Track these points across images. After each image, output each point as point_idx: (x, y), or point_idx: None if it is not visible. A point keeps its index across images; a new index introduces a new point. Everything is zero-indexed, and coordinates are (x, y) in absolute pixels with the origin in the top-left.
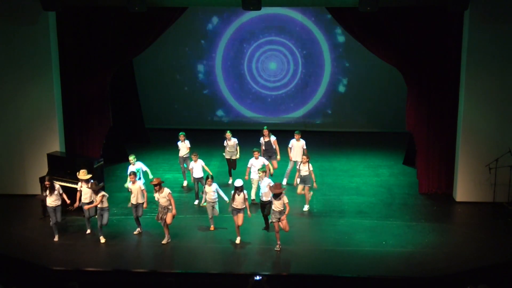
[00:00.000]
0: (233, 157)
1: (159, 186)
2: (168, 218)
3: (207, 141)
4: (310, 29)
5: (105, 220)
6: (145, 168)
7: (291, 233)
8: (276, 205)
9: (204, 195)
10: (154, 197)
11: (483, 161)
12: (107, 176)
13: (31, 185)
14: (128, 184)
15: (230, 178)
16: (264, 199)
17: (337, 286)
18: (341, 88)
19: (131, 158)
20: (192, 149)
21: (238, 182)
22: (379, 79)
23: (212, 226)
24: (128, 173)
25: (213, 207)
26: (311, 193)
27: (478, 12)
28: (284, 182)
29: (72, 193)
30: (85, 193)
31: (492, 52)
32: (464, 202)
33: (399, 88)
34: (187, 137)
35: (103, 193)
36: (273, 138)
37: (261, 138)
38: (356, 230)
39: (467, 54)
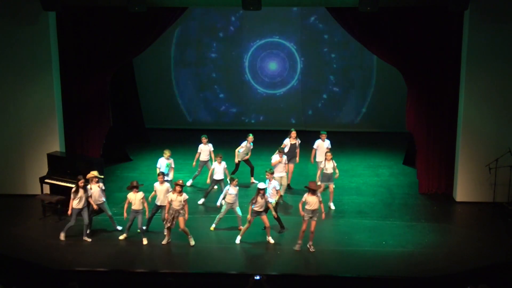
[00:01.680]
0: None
1: (181, 188)
2: (182, 223)
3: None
4: (310, 29)
5: (141, 224)
6: (173, 165)
7: (291, 233)
8: (310, 203)
9: (222, 196)
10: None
11: (483, 161)
12: (107, 176)
13: (31, 185)
14: (155, 184)
15: (252, 178)
16: (270, 200)
17: (337, 286)
18: (341, 88)
19: (167, 152)
20: (215, 151)
21: (262, 185)
22: (379, 79)
23: (214, 225)
24: (157, 173)
25: (232, 207)
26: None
27: (478, 12)
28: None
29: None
30: (95, 193)
31: (492, 52)
32: (464, 202)
33: (399, 88)
34: (187, 137)
35: (142, 193)
36: (298, 141)
37: (287, 139)
38: (356, 230)
39: (467, 54)
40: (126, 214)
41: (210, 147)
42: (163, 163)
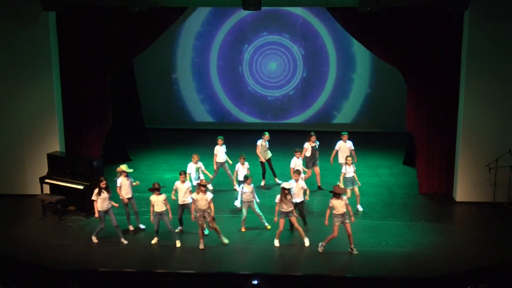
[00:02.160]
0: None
1: (206, 188)
2: (213, 222)
3: (207, 142)
4: (310, 30)
5: (169, 225)
6: (203, 168)
7: (292, 233)
8: (337, 207)
9: (239, 196)
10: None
11: (483, 161)
12: (107, 176)
13: (31, 185)
14: (177, 183)
15: (276, 178)
16: (296, 200)
17: (337, 286)
18: (342, 88)
19: (196, 156)
20: (238, 153)
21: (286, 184)
22: (379, 79)
23: (243, 228)
24: (179, 173)
25: (249, 206)
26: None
27: (478, 12)
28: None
29: (72, 193)
30: (125, 187)
31: (492, 52)
32: (464, 202)
33: (399, 88)
34: (187, 137)
35: (164, 195)
36: (317, 144)
37: (307, 143)
38: (356, 230)
39: (467, 54)
40: (153, 217)
41: (225, 148)
42: (192, 168)
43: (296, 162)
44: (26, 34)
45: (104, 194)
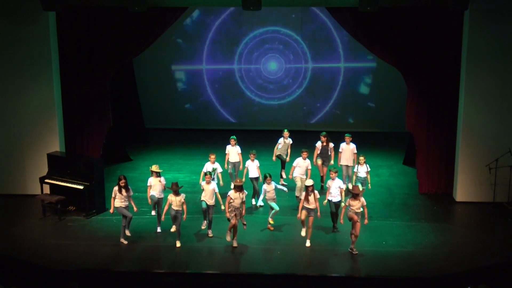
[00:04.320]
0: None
1: (241, 187)
2: (242, 219)
3: (208, 142)
4: (311, 30)
5: (177, 224)
6: (220, 170)
7: (292, 233)
8: (353, 207)
9: (261, 196)
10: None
11: (483, 161)
12: (107, 176)
13: (31, 185)
14: (202, 183)
15: (281, 179)
16: (332, 199)
17: (338, 286)
18: (342, 89)
19: (213, 156)
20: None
21: (310, 182)
22: (379, 79)
23: (270, 225)
24: (204, 172)
25: (274, 201)
26: None
27: (478, 12)
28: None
29: (72, 193)
30: (155, 186)
31: (492, 52)
32: (464, 202)
33: (399, 88)
34: (187, 137)
35: (183, 195)
36: (331, 145)
37: (318, 142)
38: None
39: (467, 54)
40: (165, 216)
41: (238, 149)
42: (210, 168)
43: (299, 163)
44: (26, 34)
45: (124, 193)
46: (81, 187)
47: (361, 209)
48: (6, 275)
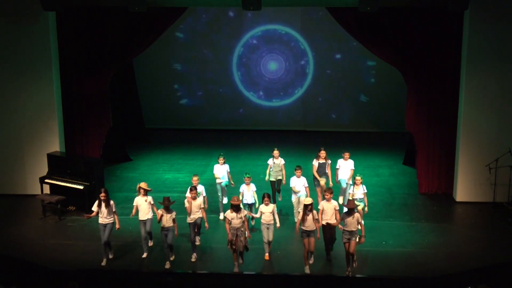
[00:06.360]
0: (279, 178)
1: (239, 204)
2: (241, 247)
3: (207, 142)
4: (312, 30)
5: (170, 240)
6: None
7: (292, 233)
8: (348, 224)
9: (257, 215)
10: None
11: (483, 161)
12: (107, 176)
13: (31, 185)
14: (187, 199)
15: (274, 203)
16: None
17: (337, 286)
18: (342, 89)
19: (222, 157)
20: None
21: (308, 200)
22: (379, 79)
23: (267, 254)
24: (190, 188)
25: (268, 228)
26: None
27: (478, 12)
28: (340, 201)
29: (72, 193)
30: (141, 206)
31: (492, 52)
32: (464, 202)
33: (399, 88)
34: (187, 137)
35: (174, 212)
36: (328, 162)
37: (314, 160)
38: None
39: (467, 54)
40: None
41: (226, 167)
42: (219, 170)
43: (295, 182)
44: (26, 34)
45: (103, 208)
46: (81, 187)
47: (358, 227)
48: (6, 275)
